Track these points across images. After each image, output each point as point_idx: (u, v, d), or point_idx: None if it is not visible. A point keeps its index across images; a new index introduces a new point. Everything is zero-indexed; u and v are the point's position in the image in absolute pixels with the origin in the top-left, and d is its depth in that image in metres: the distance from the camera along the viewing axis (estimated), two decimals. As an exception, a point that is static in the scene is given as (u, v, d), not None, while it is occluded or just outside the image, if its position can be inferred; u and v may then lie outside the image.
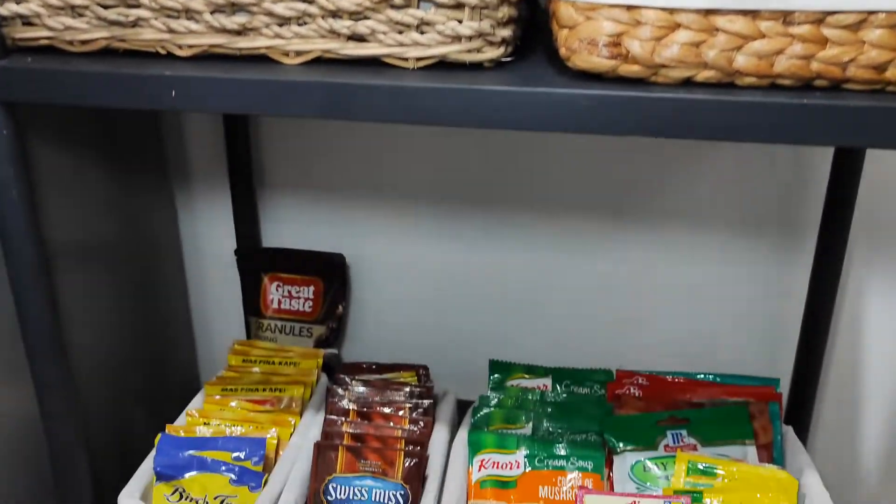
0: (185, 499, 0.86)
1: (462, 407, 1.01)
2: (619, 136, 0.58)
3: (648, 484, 0.90)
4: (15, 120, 0.71)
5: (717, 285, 1.07)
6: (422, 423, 0.94)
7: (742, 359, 1.09)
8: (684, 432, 0.93)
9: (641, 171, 1.03)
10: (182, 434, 0.93)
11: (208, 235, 1.20)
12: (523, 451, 0.92)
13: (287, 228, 1.17)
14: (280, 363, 1.07)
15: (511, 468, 0.92)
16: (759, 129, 0.57)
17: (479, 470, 0.91)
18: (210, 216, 1.19)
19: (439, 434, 0.94)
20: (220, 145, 1.12)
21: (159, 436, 0.90)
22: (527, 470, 0.91)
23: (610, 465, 0.93)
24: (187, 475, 0.87)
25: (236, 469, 0.87)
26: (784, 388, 1.02)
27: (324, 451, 0.86)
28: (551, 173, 1.05)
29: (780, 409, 0.95)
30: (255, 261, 1.18)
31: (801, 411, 1.02)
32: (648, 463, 0.91)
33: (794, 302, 1.04)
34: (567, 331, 1.13)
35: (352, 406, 0.96)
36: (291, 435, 0.95)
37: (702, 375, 1.01)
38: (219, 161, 1.14)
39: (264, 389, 1.02)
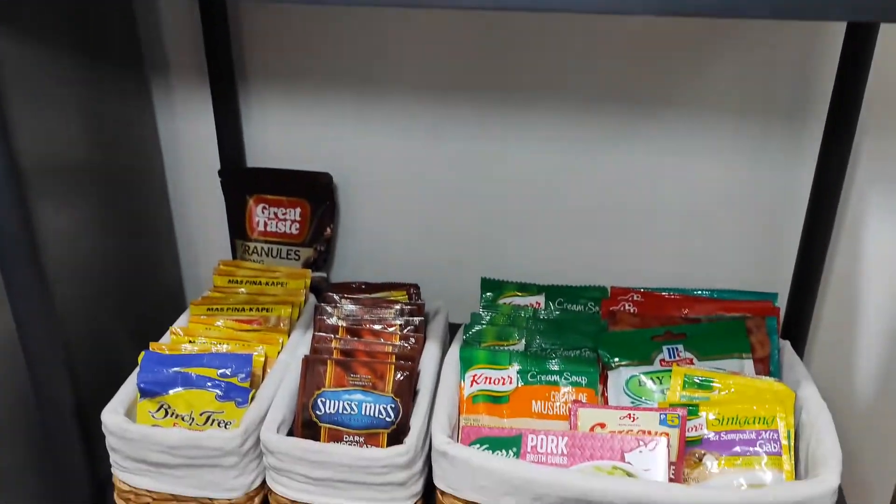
0: (171, 415, 0.84)
1: (454, 330, 0.99)
2: (621, 14, 0.55)
3: (644, 398, 0.88)
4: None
5: (716, 198, 1.04)
6: (412, 340, 0.92)
7: (739, 275, 1.07)
8: (680, 347, 0.92)
9: (641, 73, 0.99)
10: (166, 352, 0.90)
11: (190, 153, 1.16)
12: (516, 367, 0.90)
13: (272, 146, 1.13)
14: (267, 283, 1.04)
15: (503, 383, 0.90)
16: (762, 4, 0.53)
17: (472, 385, 0.90)
18: (192, 133, 1.14)
19: (430, 351, 0.92)
20: (198, 43, 1.07)
21: (143, 353, 0.88)
22: (519, 385, 0.90)
23: (604, 380, 0.92)
24: (172, 391, 0.85)
25: (222, 385, 0.85)
26: (782, 304, 1.00)
27: (312, 364, 0.84)
28: (547, 75, 1.01)
29: (777, 323, 0.93)
30: (240, 182, 1.15)
31: (798, 326, 1.01)
32: (643, 377, 0.89)
33: (795, 214, 1.02)
34: (561, 248, 1.10)
35: (341, 323, 0.93)
36: (279, 353, 0.93)
37: (699, 291, 0.99)
38: (199, 69, 1.09)
39: (251, 309, 0.99)
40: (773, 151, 1.00)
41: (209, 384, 0.85)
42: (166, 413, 0.85)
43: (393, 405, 0.83)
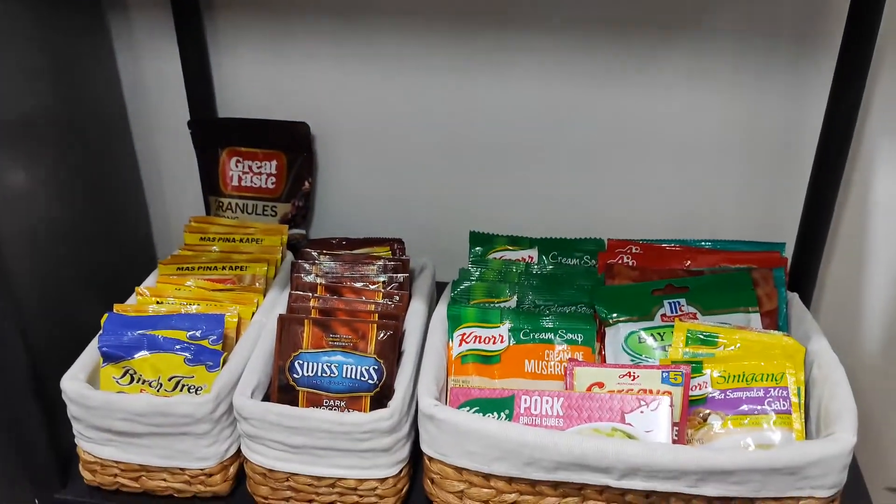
0: (137, 381, 0.78)
1: (441, 288, 0.93)
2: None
3: (644, 356, 0.83)
4: None
5: (717, 142, 0.98)
6: (397, 298, 0.86)
7: (744, 224, 1.01)
8: (683, 301, 0.86)
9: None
10: (132, 313, 0.84)
11: (156, 102, 1.08)
12: (507, 325, 0.85)
13: (244, 95, 1.06)
14: (241, 240, 0.98)
15: (494, 342, 0.84)
16: None
17: (460, 345, 0.84)
18: (157, 79, 1.07)
19: (416, 309, 0.87)
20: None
21: (106, 315, 0.81)
22: (511, 344, 0.84)
23: (601, 337, 0.86)
24: (137, 355, 0.79)
25: (192, 348, 0.79)
26: (788, 255, 0.94)
27: (288, 324, 0.78)
28: (535, 9, 0.93)
29: (785, 274, 0.88)
30: (211, 133, 1.07)
31: (804, 278, 0.95)
32: (643, 334, 0.84)
33: (802, 159, 0.95)
34: (554, 199, 1.04)
35: (319, 281, 0.87)
36: (254, 314, 0.87)
37: (701, 242, 0.93)
38: (163, 5, 1.01)
39: (224, 268, 0.93)
40: (779, 91, 0.93)
41: (177, 347, 0.79)
42: (132, 379, 0.79)
43: (376, 366, 0.77)
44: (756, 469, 0.66)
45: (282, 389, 0.78)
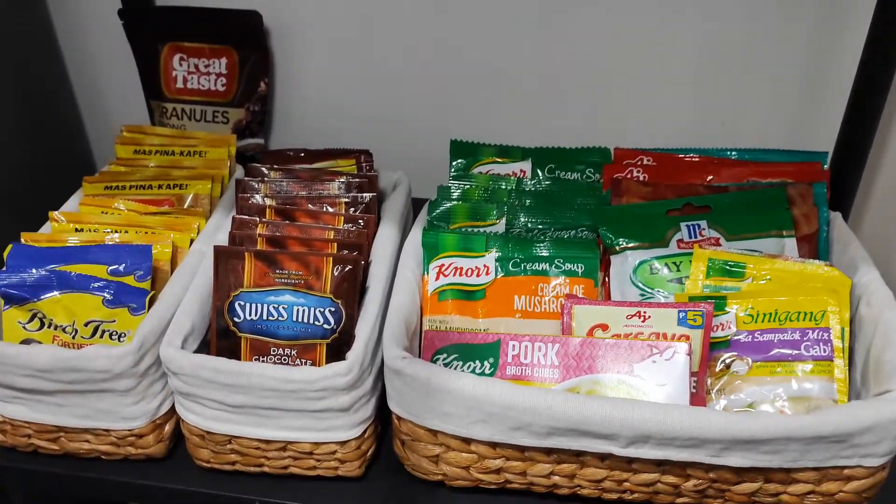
0: (48, 326, 0.65)
1: (418, 209, 0.78)
2: None
3: (656, 289, 0.70)
4: None
5: (746, 32, 0.82)
6: (361, 223, 0.72)
7: (773, 132, 0.86)
8: (703, 223, 0.72)
9: None
10: (44, 244, 0.70)
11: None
12: (494, 254, 0.72)
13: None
14: (182, 153, 0.84)
15: (478, 275, 0.71)
16: None
17: (438, 278, 0.71)
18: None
19: (385, 236, 0.73)
20: None
21: (10, 247, 0.68)
22: (498, 276, 0.71)
23: (606, 267, 0.73)
24: (46, 296, 0.65)
25: (112, 286, 0.66)
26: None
27: (226, 258, 0.65)
28: None
29: (827, 190, 0.73)
30: (148, 25, 0.91)
31: (842, 196, 0.81)
32: (656, 263, 0.71)
33: (845, 56, 0.80)
34: (551, 100, 0.88)
35: (269, 203, 0.73)
36: (192, 243, 0.73)
37: (727, 152, 0.79)
38: None
39: (161, 186, 0.79)
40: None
41: (94, 286, 0.66)
42: (42, 324, 0.66)
43: (332, 308, 0.64)
44: (796, 437, 0.54)
45: (221, 336, 0.65)
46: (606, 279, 0.73)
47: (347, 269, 0.64)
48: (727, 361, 0.66)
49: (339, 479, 0.66)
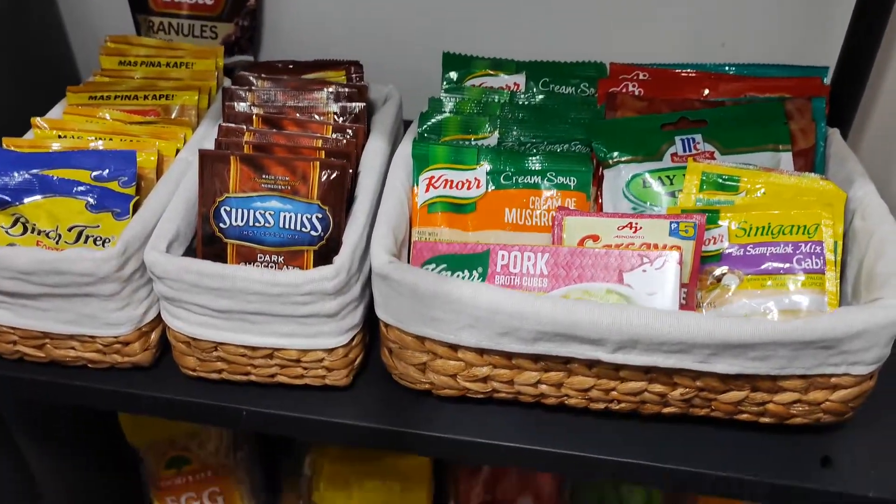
0: (31, 231, 0.64)
1: (409, 125, 0.77)
2: None
3: (649, 203, 0.69)
4: None
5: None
6: (350, 133, 0.70)
7: (772, 46, 0.84)
8: (698, 137, 0.71)
9: None
10: (26, 149, 0.69)
11: None
12: (485, 167, 0.70)
13: None
14: (168, 64, 0.82)
15: (469, 187, 0.70)
16: None
17: (428, 190, 0.70)
18: None
19: (374, 147, 0.71)
20: None
21: (-10, 151, 0.66)
22: (489, 190, 0.70)
23: (599, 182, 0.71)
24: (28, 200, 0.64)
25: (96, 191, 0.65)
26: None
27: (211, 162, 0.63)
28: None
29: (825, 105, 0.72)
30: (131, -67, 0.88)
31: (843, 112, 0.79)
32: (649, 177, 0.70)
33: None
34: (545, 18, 0.86)
35: (256, 111, 0.71)
36: (178, 152, 0.72)
37: (724, 67, 0.77)
38: None
39: (146, 97, 0.77)
40: None
41: (77, 190, 0.64)
42: (25, 229, 0.65)
43: (320, 214, 0.63)
44: (784, 342, 0.54)
45: (207, 242, 0.64)
46: (599, 193, 0.72)
47: (335, 174, 0.63)
48: (718, 275, 0.65)
49: (327, 389, 0.66)
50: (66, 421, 0.97)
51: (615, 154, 0.71)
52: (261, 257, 0.63)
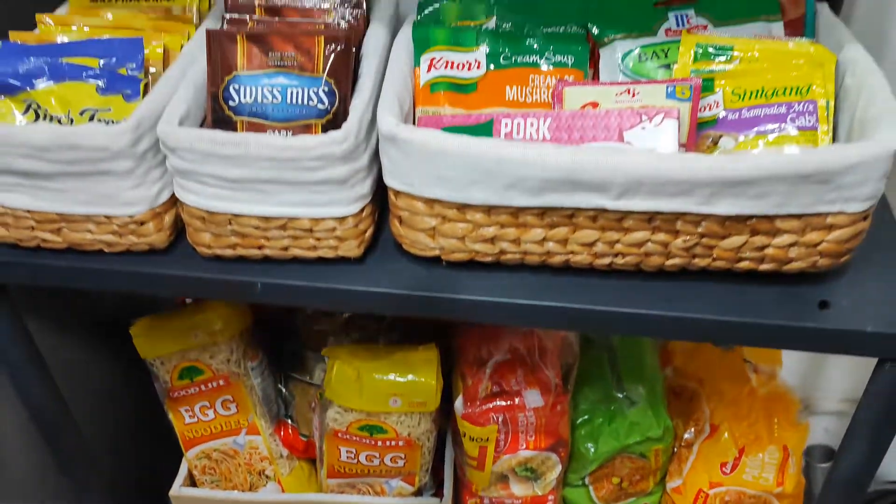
0: (43, 117, 0.66)
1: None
2: None
3: (644, 77, 0.71)
4: None
5: None
6: (351, 18, 0.72)
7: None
8: (691, 12, 0.73)
9: None
10: (33, 42, 0.70)
11: None
12: (484, 49, 0.72)
13: None
14: (167, -31, 0.82)
15: (469, 68, 0.72)
16: None
17: (429, 70, 0.71)
18: None
19: (375, 32, 0.73)
20: None
21: (-1, 43, 0.68)
22: (489, 70, 0.71)
23: (596, 61, 0.73)
24: (40, 85, 0.66)
25: (105, 74, 0.66)
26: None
27: (218, 41, 0.65)
28: None
29: (813, -23, 0.74)
30: None
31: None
32: (644, 51, 0.71)
33: None
34: None
35: (258, 1, 0.73)
36: (183, 47, 0.73)
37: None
38: None
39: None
40: None
41: (87, 74, 0.66)
42: (37, 115, 0.66)
43: (326, 88, 0.64)
44: (782, 176, 0.56)
45: (217, 122, 0.65)
46: (595, 72, 0.73)
47: (340, 48, 0.64)
48: (714, 138, 0.67)
49: (339, 261, 0.67)
50: (81, 326, 1.00)
51: (610, 32, 0.72)
52: (270, 133, 0.65)
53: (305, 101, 0.64)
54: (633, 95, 0.66)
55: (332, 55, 0.64)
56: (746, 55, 0.69)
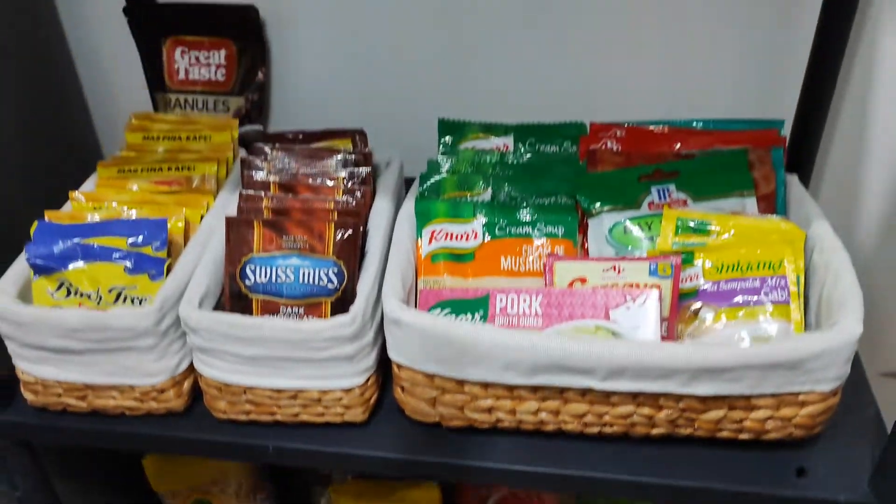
0: (74, 294, 0.71)
1: (410, 185, 0.85)
2: None
3: (630, 248, 0.76)
4: None
5: (708, 13, 0.88)
6: (358, 195, 0.78)
7: (736, 105, 0.93)
8: (672, 187, 0.79)
9: None
10: (67, 221, 0.76)
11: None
12: (481, 219, 0.78)
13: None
14: (188, 138, 0.89)
15: (467, 239, 0.77)
16: None
17: (430, 242, 0.77)
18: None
19: (380, 207, 0.79)
20: None
21: (35, 224, 0.74)
22: (486, 240, 0.77)
23: (584, 230, 0.79)
24: (72, 266, 0.71)
25: (132, 256, 0.72)
26: (786, 133, 0.86)
27: (236, 226, 0.71)
28: None
29: (784, 155, 0.80)
30: (151, 21, 0.97)
31: (803, 159, 0.88)
32: (629, 224, 0.77)
33: (802, 27, 0.86)
34: (530, 80, 0.95)
35: (272, 178, 0.79)
36: (203, 218, 0.79)
37: (692, 122, 0.85)
38: None
39: (170, 168, 0.85)
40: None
41: (116, 255, 0.71)
42: (68, 292, 0.71)
43: (335, 269, 0.70)
44: (754, 365, 0.61)
45: (234, 298, 0.71)
46: (585, 240, 0.79)
47: (348, 232, 0.70)
48: (695, 309, 0.73)
49: (345, 425, 0.72)
50: (97, 466, 1.04)
51: (598, 204, 0.78)
52: (283, 309, 0.70)
53: (316, 281, 0.70)
54: (619, 272, 0.71)
55: (342, 239, 0.70)
56: (724, 230, 0.74)
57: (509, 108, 0.94)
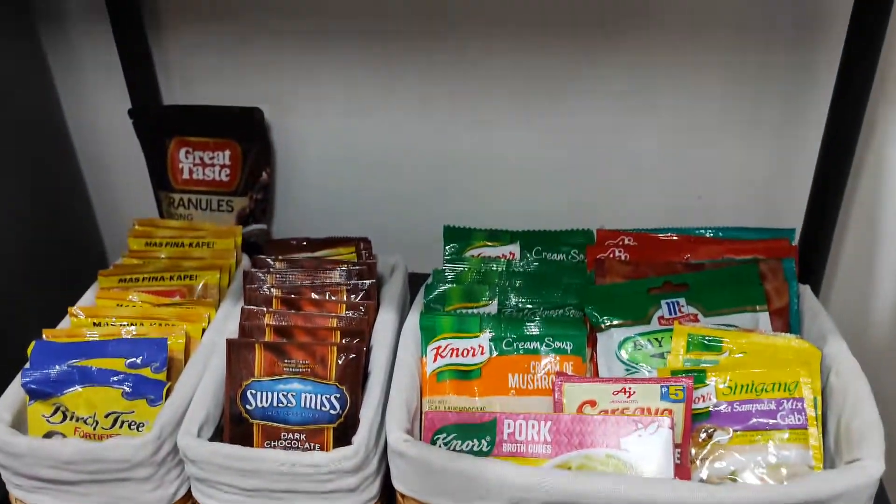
0: (70, 419, 0.70)
1: (415, 284, 0.83)
2: None
3: (641, 364, 0.74)
4: None
5: (715, 123, 0.88)
6: (362, 309, 0.77)
7: (745, 210, 0.92)
8: (682, 301, 0.77)
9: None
10: (64, 339, 0.75)
11: (93, 93, 0.98)
12: (488, 334, 0.76)
13: (189, 79, 0.96)
14: (191, 244, 0.89)
15: (474, 354, 0.76)
16: None
17: (436, 360, 0.75)
18: (92, 68, 0.96)
19: (385, 320, 0.77)
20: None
21: (32, 344, 0.72)
22: (493, 356, 0.75)
23: (593, 344, 0.77)
24: (68, 391, 0.70)
25: (131, 379, 0.70)
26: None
27: (237, 349, 0.69)
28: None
29: (795, 265, 0.79)
30: (156, 122, 0.97)
31: (814, 267, 0.86)
32: (640, 339, 0.75)
33: (809, 139, 0.86)
34: (536, 188, 0.94)
35: (275, 293, 0.78)
36: (204, 332, 0.78)
37: (701, 231, 0.84)
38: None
39: (172, 277, 0.84)
40: (784, 65, 0.84)
41: (114, 379, 0.70)
42: (64, 416, 0.70)
43: (337, 395, 0.68)
44: (773, 506, 0.58)
45: (234, 422, 0.69)
46: (594, 354, 0.77)
47: (351, 357, 0.69)
48: (709, 431, 0.70)
49: (348, 555, 0.69)
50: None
51: (607, 319, 0.77)
52: (284, 436, 0.68)
53: (318, 406, 0.68)
54: (629, 395, 0.69)
55: (344, 363, 0.68)
56: (736, 348, 0.72)
57: (515, 216, 0.93)
